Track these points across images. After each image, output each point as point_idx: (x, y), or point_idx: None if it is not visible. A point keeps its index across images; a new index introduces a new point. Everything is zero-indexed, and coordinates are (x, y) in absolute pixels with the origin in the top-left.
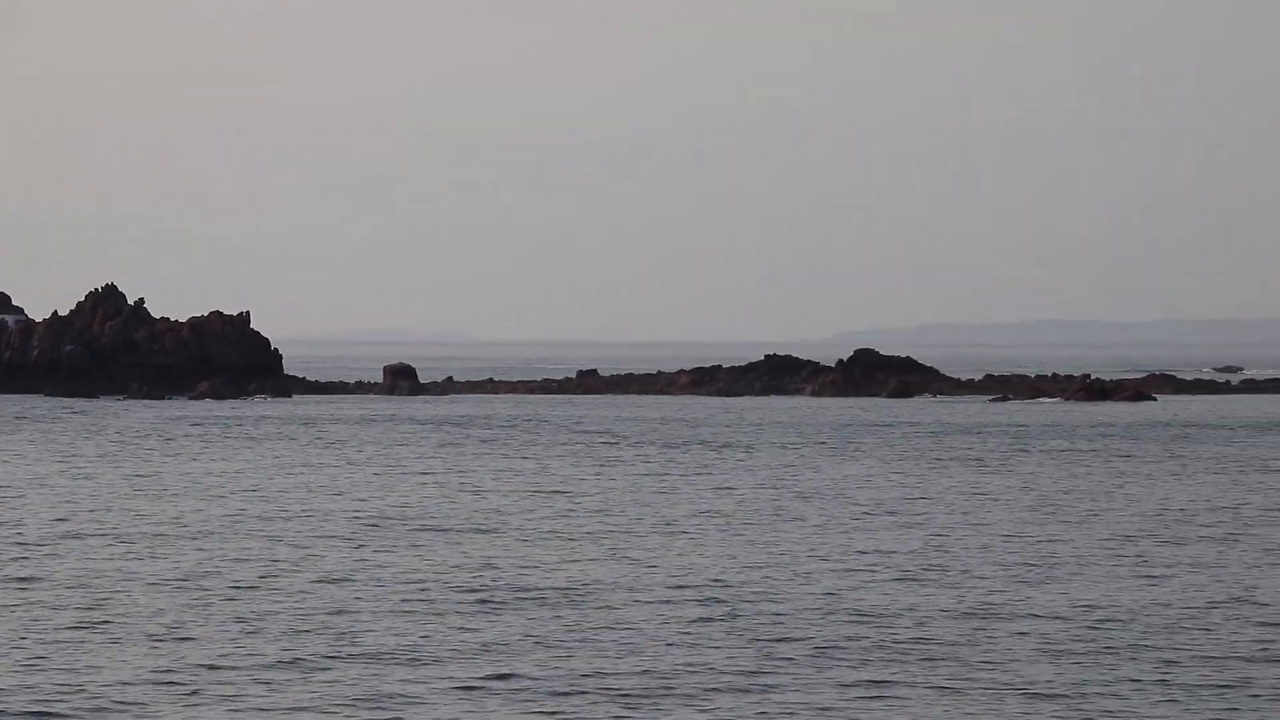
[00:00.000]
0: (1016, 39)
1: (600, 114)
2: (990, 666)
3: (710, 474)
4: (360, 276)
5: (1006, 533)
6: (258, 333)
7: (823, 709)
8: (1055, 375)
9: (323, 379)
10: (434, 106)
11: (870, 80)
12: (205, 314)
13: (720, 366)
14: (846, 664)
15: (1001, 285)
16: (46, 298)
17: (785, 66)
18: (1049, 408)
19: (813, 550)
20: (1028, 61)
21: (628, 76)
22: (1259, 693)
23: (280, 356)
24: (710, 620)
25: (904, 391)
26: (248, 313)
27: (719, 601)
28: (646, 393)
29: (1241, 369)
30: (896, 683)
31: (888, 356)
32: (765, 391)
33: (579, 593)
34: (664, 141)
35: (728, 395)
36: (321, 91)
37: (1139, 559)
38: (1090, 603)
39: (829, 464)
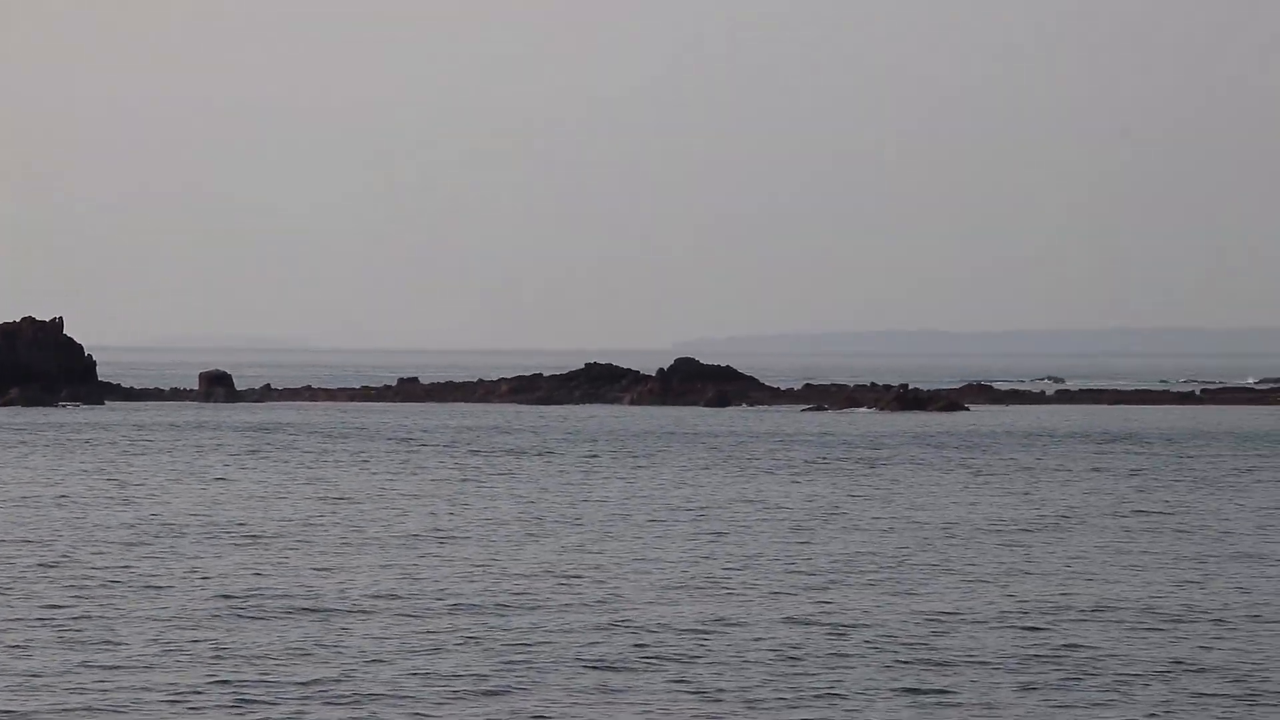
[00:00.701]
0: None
1: (430, 113)
2: (720, 672)
3: (508, 481)
4: (191, 282)
5: (777, 540)
6: (71, 339)
7: (545, 717)
8: (873, 385)
9: (140, 386)
10: (266, 109)
11: (714, 76)
12: (17, 320)
13: (541, 375)
14: (588, 670)
15: (846, 295)
16: None
17: (624, 68)
18: (862, 417)
19: (586, 558)
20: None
21: (449, 75)
22: (965, 689)
23: (94, 363)
24: (459, 629)
25: (721, 400)
26: (61, 319)
27: (476, 609)
28: (466, 400)
29: (1063, 380)
30: (627, 689)
31: (707, 365)
32: (585, 400)
33: (335, 600)
34: (505, 146)
35: (547, 404)
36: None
37: (900, 565)
38: (837, 609)
39: (625, 472)
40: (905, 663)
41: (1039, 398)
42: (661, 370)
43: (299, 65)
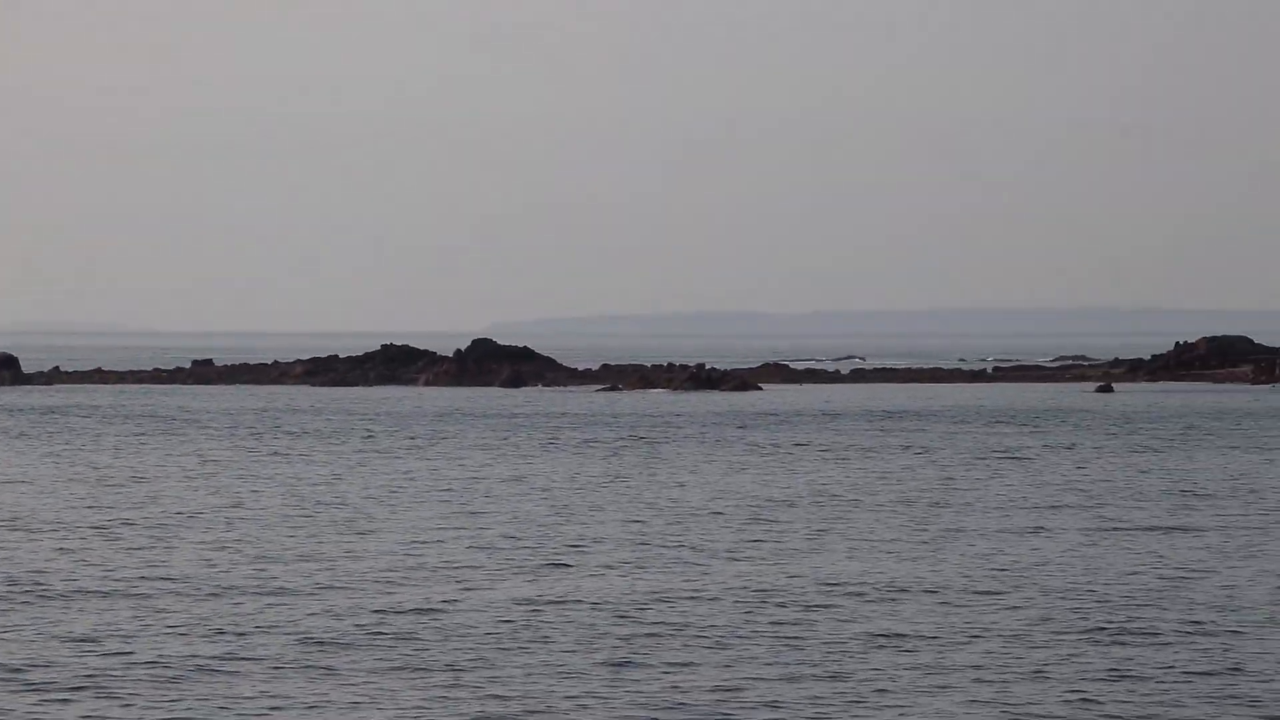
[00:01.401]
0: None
1: (234, 96)
2: (430, 650)
3: (278, 464)
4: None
5: (530, 520)
6: None
7: (239, 696)
8: (670, 365)
9: None
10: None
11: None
12: None
13: (336, 356)
14: (298, 650)
15: (659, 278)
16: None
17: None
18: (654, 397)
19: (336, 540)
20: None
21: (248, 59)
22: (664, 663)
23: None
24: (181, 613)
25: (517, 381)
26: None
27: (206, 593)
28: (260, 383)
29: (864, 359)
30: (334, 668)
31: (504, 346)
32: (380, 381)
33: (63, 585)
34: (317, 128)
35: (342, 385)
36: None
37: (641, 543)
38: (565, 588)
39: (400, 453)
40: (612, 638)
41: (834, 377)
42: (458, 351)
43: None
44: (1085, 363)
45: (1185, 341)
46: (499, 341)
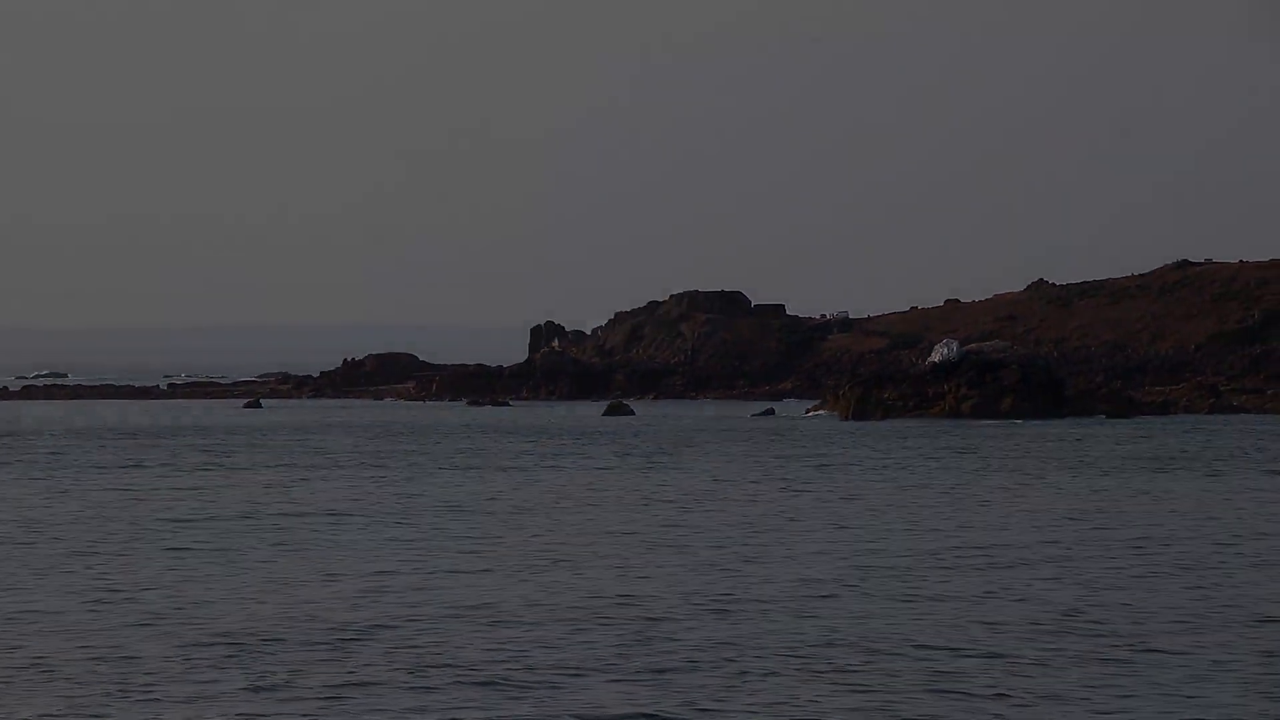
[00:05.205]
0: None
1: None
2: None
3: None
4: None
5: None
6: None
7: None
8: None
9: None
10: None
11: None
12: None
13: None
14: None
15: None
16: None
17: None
18: None
19: None
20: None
21: None
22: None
23: None
24: None
25: None
26: None
27: None
28: None
29: (65, 374)
30: None
31: None
32: None
33: None
34: None
35: None
36: None
37: None
38: None
39: None
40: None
41: (2, 394)
42: None
43: None
44: (257, 380)
45: (353, 358)
46: None
